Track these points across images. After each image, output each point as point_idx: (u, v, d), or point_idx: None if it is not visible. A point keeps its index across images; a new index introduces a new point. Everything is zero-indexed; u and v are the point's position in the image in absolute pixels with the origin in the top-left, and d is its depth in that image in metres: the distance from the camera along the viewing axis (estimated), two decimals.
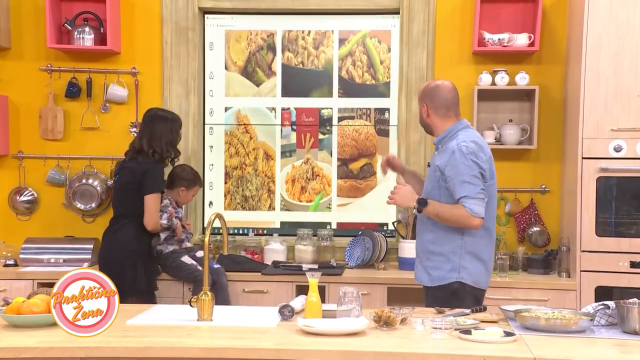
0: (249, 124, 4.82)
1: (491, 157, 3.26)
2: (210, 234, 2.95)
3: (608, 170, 3.99)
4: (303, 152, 4.82)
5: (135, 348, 2.48)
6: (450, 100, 3.28)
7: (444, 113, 3.28)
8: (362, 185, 4.81)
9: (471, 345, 2.51)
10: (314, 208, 4.82)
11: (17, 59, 4.69)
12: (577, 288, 4.02)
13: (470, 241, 3.21)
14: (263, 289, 4.18)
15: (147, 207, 3.98)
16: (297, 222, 4.81)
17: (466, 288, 3.21)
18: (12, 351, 2.46)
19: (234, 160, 4.81)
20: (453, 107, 3.29)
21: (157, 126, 4.10)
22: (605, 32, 3.98)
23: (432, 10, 4.57)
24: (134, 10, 4.68)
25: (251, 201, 4.83)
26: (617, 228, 4.03)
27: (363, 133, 4.78)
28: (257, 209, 4.83)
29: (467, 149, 3.14)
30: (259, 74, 4.82)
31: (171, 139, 4.14)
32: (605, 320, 2.79)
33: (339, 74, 4.77)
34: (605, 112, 3.99)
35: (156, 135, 4.08)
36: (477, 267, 3.23)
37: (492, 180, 3.23)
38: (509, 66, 4.48)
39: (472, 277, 3.22)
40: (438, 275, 3.27)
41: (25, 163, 4.70)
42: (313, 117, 4.80)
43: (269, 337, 2.60)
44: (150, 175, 4.00)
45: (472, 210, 3.09)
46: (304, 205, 4.83)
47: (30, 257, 4.38)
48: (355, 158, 4.80)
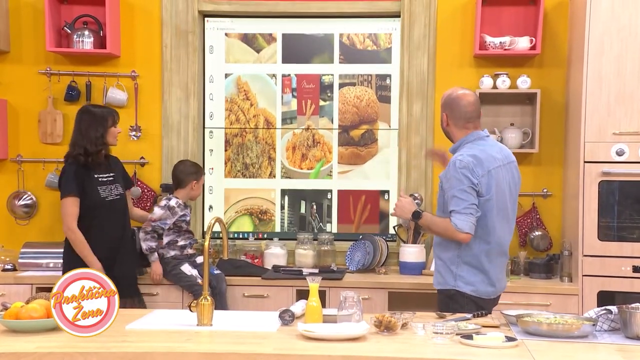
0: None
1: (492, 171, 3.18)
2: (210, 238, 2.93)
3: (610, 175, 3.98)
4: (304, 118, 4.79)
5: (134, 353, 2.47)
6: (470, 113, 3.27)
7: (462, 125, 3.28)
8: (363, 152, 4.78)
9: (473, 350, 2.49)
10: (314, 175, 4.80)
11: (16, 63, 4.68)
12: (580, 293, 4.00)
13: (466, 252, 3.20)
14: (263, 293, 4.17)
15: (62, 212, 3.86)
16: (298, 189, 4.80)
17: (464, 296, 3.21)
18: (11, 356, 2.44)
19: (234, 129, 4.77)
20: (473, 119, 3.28)
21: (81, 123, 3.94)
22: (607, 35, 3.97)
23: (433, 13, 4.56)
24: (134, 13, 4.67)
25: (251, 169, 4.81)
26: (620, 232, 4.01)
27: (364, 99, 4.75)
28: (257, 177, 4.81)
29: (461, 163, 3.14)
30: (259, 40, 4.80)
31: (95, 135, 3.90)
32: (608, 325, 2.77)
33: (340, 40, 4.75)
34: (607, 116, 3.98)
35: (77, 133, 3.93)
36: (475, 277, 3.21)
37: (488, 195, 3.16)
38: (510, 69, 4.46)
39: (470, 285, 3.21)
40: (440, 279, 3.30)
41: (24, 167, 4.69)
42: (314, 84, 4.77)
43: (270, 342, 2.58)
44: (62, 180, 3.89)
45: (456, 225, 3.11)
46: (304, 173, 4.81)
47: (28, 261, 4.37)
48: (356, 125, 4.77)
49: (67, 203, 3.84)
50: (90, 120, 3.94)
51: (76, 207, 3.85)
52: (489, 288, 3.24)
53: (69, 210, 3.84)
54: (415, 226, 4.44)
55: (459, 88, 3.39)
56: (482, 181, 3.14)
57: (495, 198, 3.18)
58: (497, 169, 3.21)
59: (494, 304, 3.34)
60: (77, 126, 3.96)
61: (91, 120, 3.94)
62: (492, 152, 3.24)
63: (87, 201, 3.88)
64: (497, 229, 3.21)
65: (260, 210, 4.84)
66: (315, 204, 4.81)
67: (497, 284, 3.28)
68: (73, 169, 3.88)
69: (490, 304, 3.30)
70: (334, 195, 4.81)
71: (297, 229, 4.79)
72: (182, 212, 4.20)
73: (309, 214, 4.82)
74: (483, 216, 3.16)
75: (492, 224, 3.19)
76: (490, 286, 3.25)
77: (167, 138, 4.67)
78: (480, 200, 3.14)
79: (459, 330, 2.68)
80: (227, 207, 4.84)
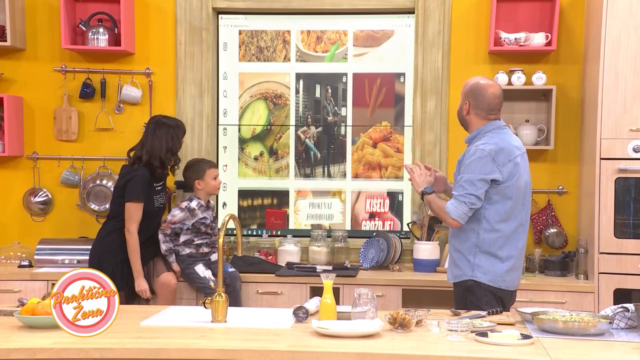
0: None
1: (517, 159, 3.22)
2: (224, 235, 2.93)
3: (627, 171, 3.95)
4: None
5: (149, 349, 2.48)
6: (495, 105, 3.29)
7: (484, 115, 3.29)
8: (379, 34, 4.74)
9: (488, 348, 2.48)
10: (329, 59, 4.77)
11: (32, 60, 4.70)
12: (595, 290, 3.97)
13: (485, 241, 3.21)
14: (277, 290, 4.17)
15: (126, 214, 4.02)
16: (313, 73, 4.77)
17: (482, 286, 3.21)
18: (28, 352, 2.47)
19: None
20: (495, 111, 3.30)
21: (157, 133, 4.11)
22: (625, 31, 3.93)
23: (447, 9, 4.53)
24: (148, 10, 4.68)
25: (266, 52, 4.79)
26: (636, 230, 3.98)
27: None
28: (272, 60, 4.79)
29: (482, 152, 3.17)
30: None
31: (171, 146, 4.13)
32: (625, 323, 2.75)
33: None
34: (624, 112, 3.95)
35: (156, 142, 4.09)
36: (494, 266, 3.21)
37: (510, 181, 3.19)
38: (525, 66, 4.44)
39: (488, 275, 3.21)
40: (457, 272, 3.30)
41: (39, 164, 4.72)
42: None
43: (284, 339, 2.58)
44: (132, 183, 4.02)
45: (447, 208, 3.20)
46: (319, 56, 4.78)
47: (44, 258, 4.39)
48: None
49: (133, 207, 4.00)
50: (174, 134, 4.14)
51: (140, 212, 4.02)
52: (509, 277, 3.23)
53: (134, 215, 4.00)
54: (429, 223, 4.43)
55: (483, 77, 3.39)
56: (504, 170, 3.17)
57: (516, 184, 3.21)
58: (519, 157, 3.25)
59: (511, 299, 3.32)
60: (156, 136, 4.10)
61: (174, 135, 4.14)
62: (511, 141, 3.28)
63: (145, 207, 4.05)
64: (511, 216, 3.22)
65: (275, 95, 4.81)
66: (331, 87, 4.78)
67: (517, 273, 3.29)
68: (145, 176, 4.04)
69: (508, 298, 3.27)
70: (349, 79, 4.78)
71: (312, 113, 4.77)
72: (202, 214, 4.18)
73: (324, 98, 4.79)
74: (506, 200, 3.18)
75: (508, 210, 3.20)
76: (509, 275, 3.23)
77: None
78: (500, 187, 3.17)
79: (473, 328, 2.67)
80: (241, 91, 4.81)
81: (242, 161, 4.85)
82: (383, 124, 4.76)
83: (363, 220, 4.79)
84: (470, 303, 3.18)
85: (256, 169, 4.85)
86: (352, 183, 4.80)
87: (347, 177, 4.80)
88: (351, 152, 4.79)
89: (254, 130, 4.84)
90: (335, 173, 4.79)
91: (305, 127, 4.79)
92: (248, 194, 4.87)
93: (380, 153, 4.77)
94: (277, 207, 4.83)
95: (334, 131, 4.80)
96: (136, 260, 4.02)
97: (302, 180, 4.81)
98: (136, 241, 4.00)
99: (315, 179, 4.80)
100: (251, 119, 4.84)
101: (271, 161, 4.84)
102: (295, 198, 4.83)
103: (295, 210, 4.82)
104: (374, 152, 4.77)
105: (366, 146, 4.78)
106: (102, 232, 4.13)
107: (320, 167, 4.81)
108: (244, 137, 4.85)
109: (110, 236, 4.07)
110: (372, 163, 4.78)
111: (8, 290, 4.16)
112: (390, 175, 4.77)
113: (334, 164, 4.80)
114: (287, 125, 4.79)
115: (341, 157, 4.80)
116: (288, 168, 4.84)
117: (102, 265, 3.88)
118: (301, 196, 4.83)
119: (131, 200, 4.00)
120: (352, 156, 4.79)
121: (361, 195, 4.79)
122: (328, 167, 4.79)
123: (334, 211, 4.80)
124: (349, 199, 4.81)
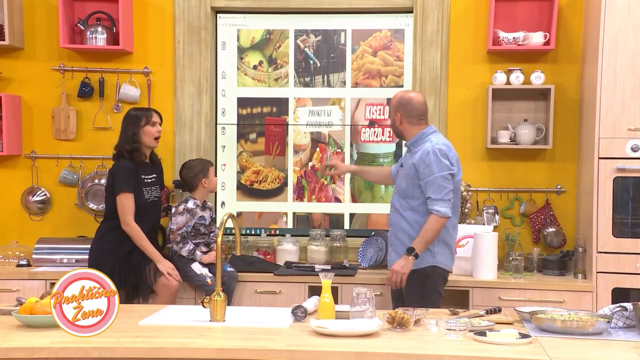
0: None
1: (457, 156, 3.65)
2: (222, 234, 2.93)
3: (625, 171, 3.95)
4: None
5: (148, 349, 2.48)
6: (421, 110, 3.70)
7: (415, 122, 3.69)
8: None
9: (486, 347, 2.48)
10: None
11: (30, 59, 4.70)
12: (594, 289, 3.98)
13: (442, 230, 3.56)
14: (275, 289, 4.17)
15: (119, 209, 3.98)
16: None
17: (437, 270, 3.60)
18: (26, 351, 2.47)
19: None
20: (423, 116, 3.71)
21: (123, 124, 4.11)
22: (623, 31, 3.94)
23: (446, 8, 4.54)
24: (147, 10, 4.67)
25: None
26: (635, 229, 3.99)
27: None
28: None
29: (441, 152, 3.54)
30: None
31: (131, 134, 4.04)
32: (623, 322, 2.76)
33: None
34: (622, 112, 3.95)
35: (122, 133, 4.08)
36: (446, 252, 3.64)
37: (458, 176, 3.62)
38: (524, 65, 4.44)
39: (445, 261, 3.63)
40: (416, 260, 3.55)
41: (38, 163, 4.71)
42: None
43: (282, 338, 2.58)
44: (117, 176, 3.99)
45: (439, 213, 3.50)
46: None
47: (43, 257, 4.39)
48: None
49: (123, 198, 3.95)
50: (126, 120, 4.10)
51: (132, 202, 3.96)
52: (453, 260, 3.71)
53: (126, 206, 3.95)
54: None
55: (406, 90, 3.97)
56: (456, 165, 3.60)
57: (459, 180, 3.65)
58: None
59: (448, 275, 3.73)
60: (122, 127, 4.10)
61: (127, 121, 4.10)
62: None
63: (136, 200, 3.99)
64: (458, 206, 3.71)
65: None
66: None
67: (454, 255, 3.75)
68: (126, 166, 3.99)
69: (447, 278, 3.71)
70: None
71: None
72: (201, 212, 4.18)
73: None
74: (455, 194, 3.59)
75: (458, 201, 3.66)
76: (453, 258, 3.71)
77: (180, 134, 4.68)
78: (454, 182, 3.57)
79: (472, 327, 2.67)
80: None
81: (240, 70, 4.81)
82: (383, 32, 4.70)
83: (362, 128, 4.76)
84: (429, 287, 3.55)
85: (255, 77, 4.82)
86: (351, 90, 4.77)
87: (346, 85, 4.78)
88: (351, 60, 4.77)
89: (253, 38, 4.80)
90: (334, 82, 4.77)
91: (304, 35, 4.76)
92: (247, 102, 4.83)
93: (380, 61, 4.75)
94: (277, 115, 4.81)
95: (333, 40, 4.78)
96: (148, 246, 3.98)
97: (302, 89, 4.79)
98: (138, 230, 3.96)
99: (314, 88, 4.78)
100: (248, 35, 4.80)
101: (270, 70, 4.82)
102: (295, 106, 4.81)
103: (294, 118, 4.79)
104: (373, 60, 4.76)
105: (366, 54, 4.76)
106: (100, 231, 4.12)
107: (319, 75, 4.79)
108: (243, 46, 4.81)
109: (107, 235, 4.06)
110: (372, 71, 4.76)
111: (6, 290, 4.16)
112: (390, 83, 4.74)
113: (333, 72, 4.77)
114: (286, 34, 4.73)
115: (341, 65, 4.78)
116: (287, 77, 4.81)
117: (100, 264, 3.87)
118: (300, 104, 4.81)
119: (120, 192, 3.95)
120: (352, 65, 4.77)
121: (361, 103, 4.76)
122: (327, 76, 4.78)
123: (334, 118, 4.78)
124: (349, 106, 4.79)
